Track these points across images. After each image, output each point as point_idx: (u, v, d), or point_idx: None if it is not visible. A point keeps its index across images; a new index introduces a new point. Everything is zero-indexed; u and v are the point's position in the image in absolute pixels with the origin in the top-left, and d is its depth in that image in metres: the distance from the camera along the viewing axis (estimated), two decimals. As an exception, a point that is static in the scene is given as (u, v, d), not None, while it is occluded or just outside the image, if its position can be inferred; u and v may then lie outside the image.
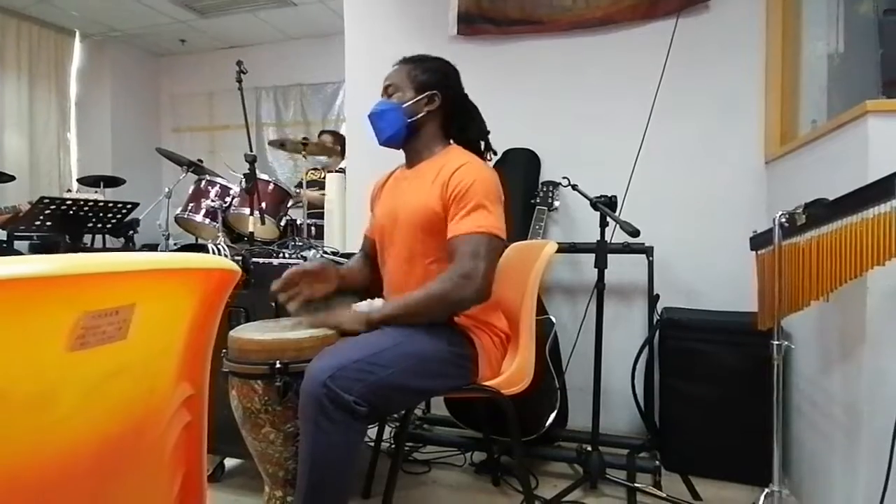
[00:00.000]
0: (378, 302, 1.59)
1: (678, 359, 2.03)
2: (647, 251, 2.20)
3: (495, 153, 1.64)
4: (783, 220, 1.39)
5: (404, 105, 1.47)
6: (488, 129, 1.60)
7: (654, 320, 2.16)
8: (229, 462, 1.96)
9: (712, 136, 2.33)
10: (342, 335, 1.34)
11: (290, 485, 1.28)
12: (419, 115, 1.48)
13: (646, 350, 2.15)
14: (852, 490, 1.45)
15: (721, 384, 1.94)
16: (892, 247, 1.12)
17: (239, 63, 2.65)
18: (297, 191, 3.31)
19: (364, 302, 1.57)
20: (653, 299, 2.19)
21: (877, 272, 1.28)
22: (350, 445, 1.16)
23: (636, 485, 1.83)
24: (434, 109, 1.49)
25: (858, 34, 1.77)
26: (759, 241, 1.61)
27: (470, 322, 1.42)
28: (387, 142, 1.51)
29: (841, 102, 1.79)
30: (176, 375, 0.64)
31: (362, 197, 2.74)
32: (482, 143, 1.59)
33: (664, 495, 1.79)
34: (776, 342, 1.41)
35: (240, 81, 2.65)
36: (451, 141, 1.56)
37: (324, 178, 3.70)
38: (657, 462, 1.92)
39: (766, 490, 1.41)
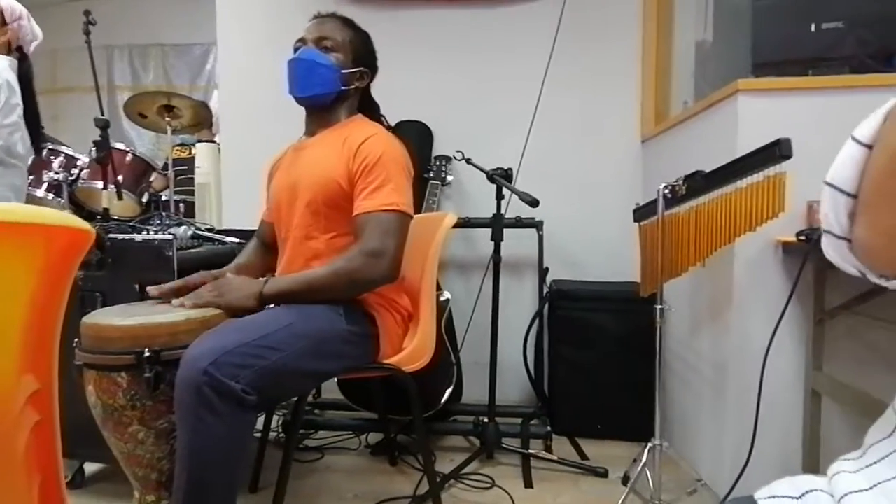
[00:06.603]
0: None
1: (565, 328, 2.12)
2: (538, 225, 2.25)
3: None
4: (666, 191, 1.47)
5: (343, 71, 1.36)
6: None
7: (544, 292, 2.23)
8: (89, 467, 1.71)
9: (594, 114, 2.43)
10: (232, 316, 1.19)
11: (165, 487, 1.12)
12: (350, 87, 1.39)
13: (536, 322, 2.21)
14: (721, 439, 1.61)
15: (603, 350, 2.06)
16: (762, 213, 1.23)
17: (86, 13, 2.32)
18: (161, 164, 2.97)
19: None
20: (542, 272, 2.25)
21: (743, 242, 1.41)
22: (238, 439, 1.04)
23: (529, 451, 1.89)
24: (361, 87, 1.43)
25: (727, 22, 1.92)
26: (642, 212, 1.70)
27: (373, 299, 1.33)
28: (309, 98, 1.36)
29: (708, 86, 1.93)
30: (17, 366, 0.49)
31: (237, 171, 2.51)
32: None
33: (555, 458, 1.87)
34: (659, 306, 1.50)
35: (87, 34, 2.32)
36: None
37: (192, 155, 3.37)
38: (548, 428, 1.99)
39: (649, 444, 1.52)
